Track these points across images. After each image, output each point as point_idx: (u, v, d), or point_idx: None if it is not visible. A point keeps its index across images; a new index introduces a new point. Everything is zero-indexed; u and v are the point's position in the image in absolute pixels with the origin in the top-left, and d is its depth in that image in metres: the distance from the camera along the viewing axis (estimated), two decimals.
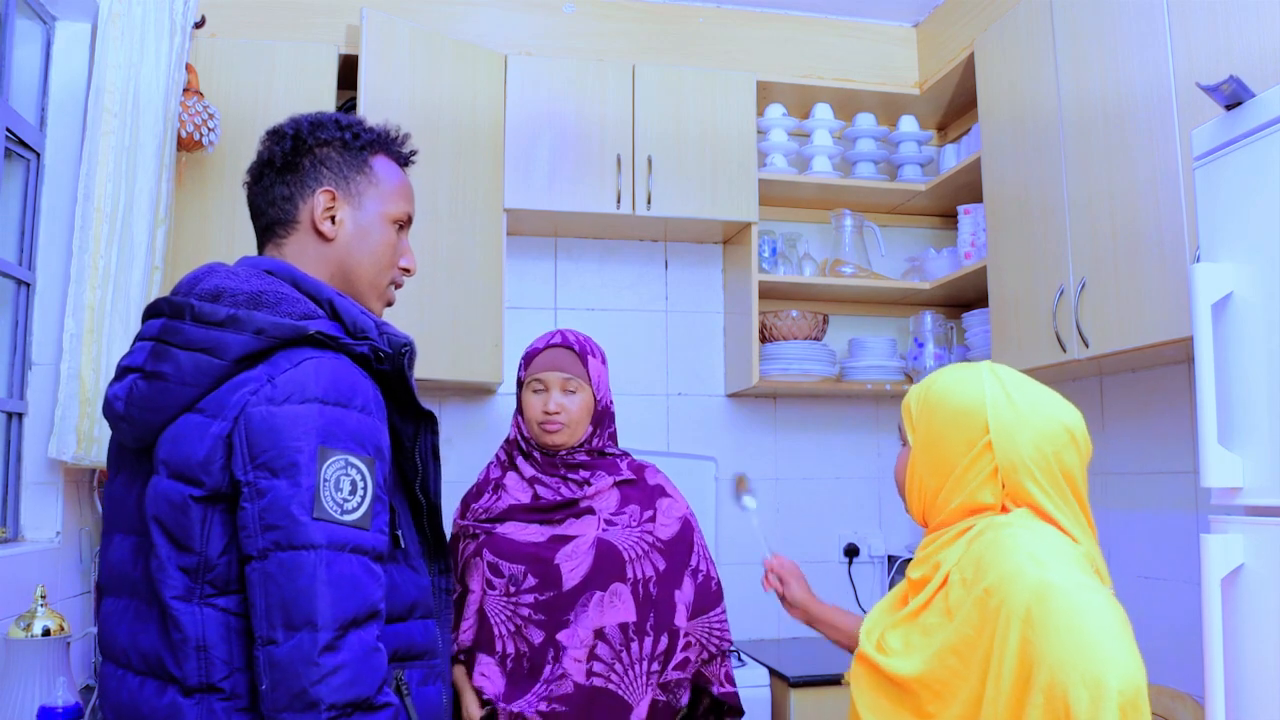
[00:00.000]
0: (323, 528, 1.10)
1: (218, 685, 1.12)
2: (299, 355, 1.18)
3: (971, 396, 1.32)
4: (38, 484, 2.04)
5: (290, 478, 1.10)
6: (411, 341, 1.30)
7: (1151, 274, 2.07)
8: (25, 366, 2.05)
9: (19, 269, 2.05)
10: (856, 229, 3.19)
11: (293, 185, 1.34)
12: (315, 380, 1.15)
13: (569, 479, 1.98)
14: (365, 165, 1.37)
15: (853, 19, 3.28)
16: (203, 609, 1.13)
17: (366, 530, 1.13)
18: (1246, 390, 1.54)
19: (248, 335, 1.17)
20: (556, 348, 2.00)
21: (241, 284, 1.22)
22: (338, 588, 1.09)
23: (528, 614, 1.87)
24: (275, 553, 1.09)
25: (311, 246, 1.34)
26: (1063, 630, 1.11)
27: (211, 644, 1.13)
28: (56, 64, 2.13)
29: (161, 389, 1.19)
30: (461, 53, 2.82)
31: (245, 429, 1.13)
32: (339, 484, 1.12)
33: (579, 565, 1.88)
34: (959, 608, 1.23)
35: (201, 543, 1.14)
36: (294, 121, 1.37)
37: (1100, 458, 2.67)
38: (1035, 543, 1.21)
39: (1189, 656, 2.28)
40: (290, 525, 1.09)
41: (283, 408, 1.13)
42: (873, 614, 1.43)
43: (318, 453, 1.11)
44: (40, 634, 1.71)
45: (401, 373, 1.26)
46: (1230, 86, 1.56)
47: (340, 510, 1.11)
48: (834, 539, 3.25)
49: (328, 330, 1.21)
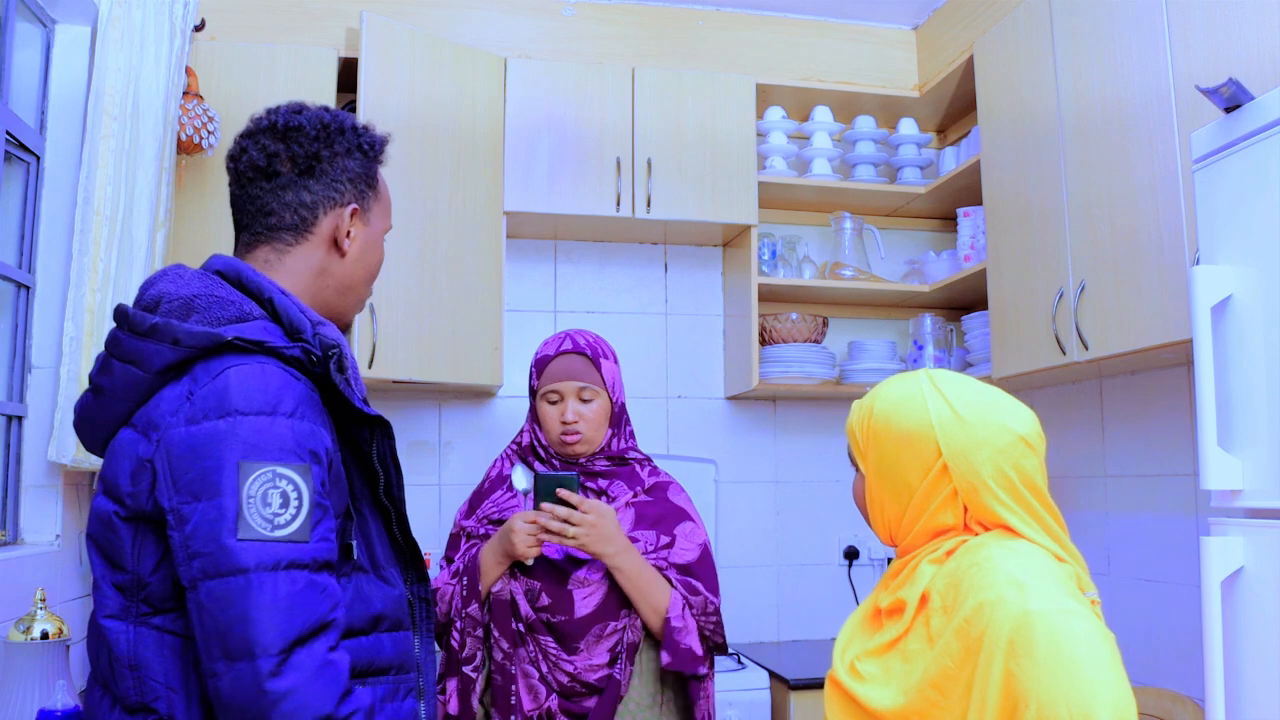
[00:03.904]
0: (251, 549, 1.03)
1: (151, 706, 1.09)
2: (218, 366, 1.11)
3: (916, 418, 1.25)
4: (37, 487, 2.04)
5: (210, 499, 1.05)
6: (341, 343, 1.22)
7: (1151, 276, 2.07)
8: (25, 370, 2.05)
9: (19, 272, 2.05)
10: (856, 232, 3.19)
11: (316, 193, 1.27)
12: (234, 391, 1.09)
13: (586, 488, 1.96)
14: (375, 180, 1.34)
15: (852, 22, 3.28)
16: (137, 628, 1.10)
17: (305, 542, 1.06)
18: (1246, 393, 1.54)
19: (166, 346, 1.12)
20: (569, 354, 1.96)
21: (181, 288, 1.17)
22: (274, 610, 1.02)
23: (542, 640, 1.85)
24: (204, 582, 1.04)
25: (320, 259, 1.28)
26: (1048, 661, 1.07)
27: (144, 664, 1.09)
28: (56, 67, 2.14)
29: (100, 403, 1.16)
30: (461, 56, 2.83)
31: (166, 453, 1.08)
32: (266, 498, 1.05)
33: (591, 595, 1.86)
34: (939, 636, 1.18)
35: (134, 561, 1.10)
36: (316, 120, 1.29)
37: (1100, 460, 2.67)
38: (1015, 566, 1.16)
39: (1189, 659, 2.28)
40: (216, 551, 1.03)
41: (200, 426, 1.08)
42: (845, 631, 1.37)
43: (238, 469, 1.05)
44: (39, 637, 1.71)
45: (329, 377, 1.18)
46: (1229, 89, 1.56)
47: (270, 527, 1.05)
48: (834, 542, 3.25)
49: (251, 335, 1.14)
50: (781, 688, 2.66)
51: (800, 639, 3.19)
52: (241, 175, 1.29)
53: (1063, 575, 1.19)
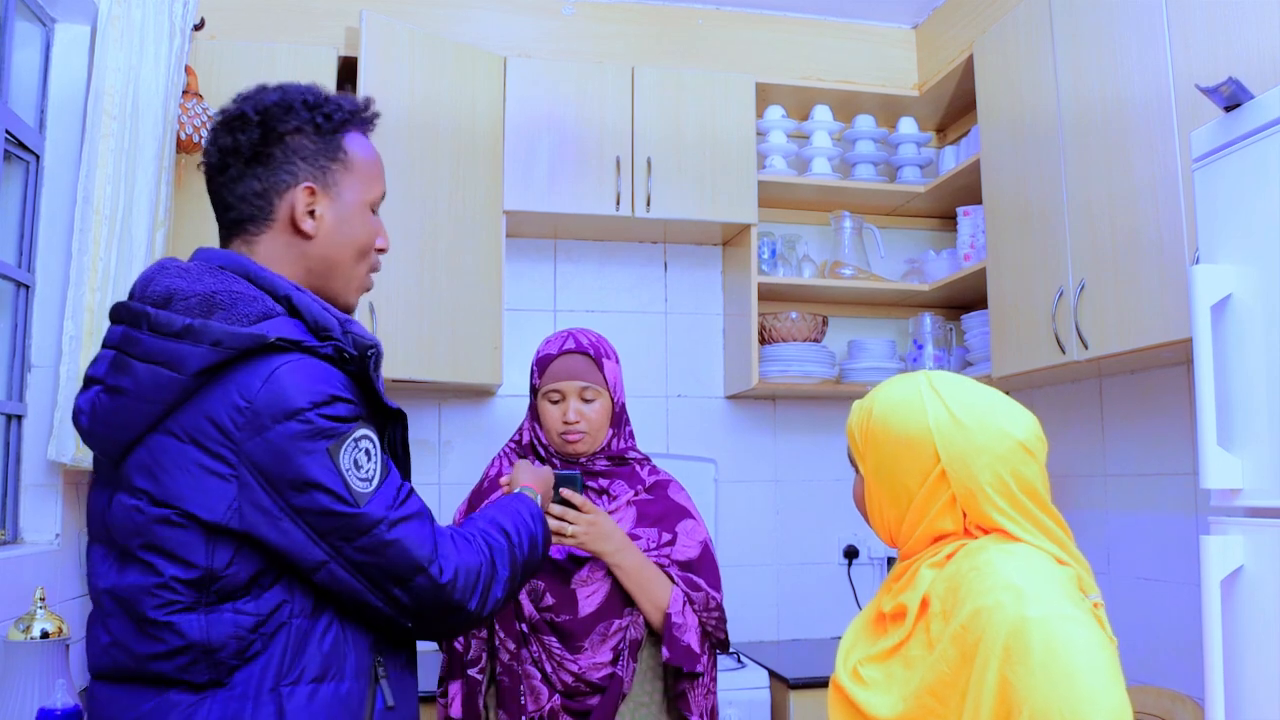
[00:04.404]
0: (373, 504, 1.15)
1: (222, 680, 1.12)
2: (265, 368, 1.13)
3: (915, 422, 1.24)
4: (37, 486, 2.04)
5: (318, 489, 1.13)
6: (378, 344, 1.26)
7: (1150, 276, 2.07)
8: (24, 369, 2.05)
9: (18, 271, 2.05)
10: (856, 231, 3.19)
11: (265, 180, 1.25)
12: (291, 391, 1.12)
13: (587, 487, 1.96)
14: (340, 150, 1.29)
15: (852, 21, 3.28)
16: (208, 615, 1.12)
17: (390, 474, 1.21)
18: (1246, 392, 1.54)
19: (205, 347, 1.12)
20: (572, 354, 1.95)
21: (193, 284, 1.16)
22: (412, 531, 1.18)
23: (545, 640, 1.85)
24: (348, 545, 1.15)
25: (288, 245, 1.26)
26: (1043, 668, 1.06)
27: (220, 645, 1.12)
28: (56, 66, 2.13)
29: (123, 404, 1.14)
30: (461, 55, 2.82)
31: (252, 469, 1.12)
32: (358, 463, 1.16)
33: (595, 593, 1.86)
34: (938, 641, 1.17)
35: (208, 557, 1.12)
36: (257, 104, 1.26)
37: (1100, 459, 2.67)
38: (1013, 570, 1.15)
39: (1189, 658, 2.28)
40: (347, 522, 1.14)
41: (275, 431, 1.11)
42: (849, 635, 1.36)
43: (329, 456, 1.13)
44: (39, 636, 1.71)
45: (366, 375, 1.23)
46: (1229, 88, 1.56)
47: (370, 482, 1.17)
48: (834, 541, 3.25)
49: (287, 334, 1.16)
50: (781, 687, 2.66)
51: (800, 638, 3.19)
52: (207, 174, 1.31)
53: (1063, 578, 1.17)
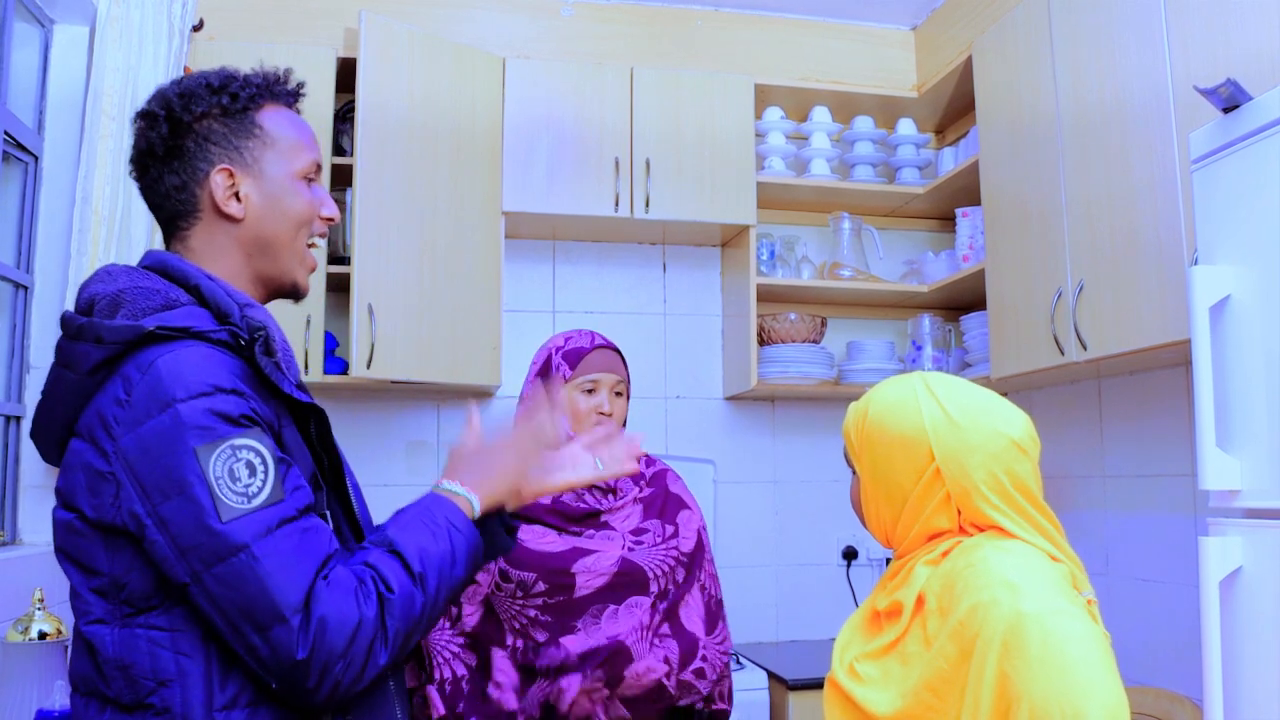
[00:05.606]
0: (239, 525, 1.04)
1: (146, 703, 1.08)
2: (146, 360, 1.09)
3: (910, 422, 1.27)
4: (35, 487, 2.04)
5: (182, 494, 1.04)
6: (268, 324, 1.19)
7: (1149, 277, 2.07)
8: (23, 370, 2.05)
9: (17, 272, 2.05)
10: (855, 232, 3.19)
11: (182, 173, 1.23)
12: (167, 381, 1.07)
13: (595, 485, 1.97)
14: (254, 126, 1.26)
15: (850, 22, 3.28)
16: (122, 630, 1.09)
17: (283, 499, 1.07)
18: (1244, 393, 1.54)
19: (91, 345, 1.11)
20: (604, 349, 2.00)
21: (108, 286, 1.16)
22: (284, 570, 1.04)
23: (534, 615, 1.86)
24: (207, 572, 1.04)
25: (220, 232, 1.24)
26: (1041, 662, 1.07)
27: (133, 663, 1.08)
28: (55, 67, 2.14)
29: (44, 408, 1.16)
30: (460, 56, 2.82)
31: (124, 463, 1.07)
32: (234, 474, 1.05)
33: (595, 578, 1.87)
34: (935, 638, 1.19)
35: (109, 563, 1.10)
36: (162, 98, 1.24)
37: (1098, 460, 2.67)
38: (1009, 566, 1.17)
39: (1187, 659, 2.28)
40: (207, 541, 1.03)
41: (146, 426, 1.06)
42: (845, 633, 1.37)
43: (197, 456, 1.04)
44: (37, 637, 1.71)
45: (254, 359, 1.14)
46: (1228, 89, 1.56)
47: (246, 499, 1.05)
48: (832, 542, 3.25)
49: (174, 322, 1.12)
50: (780, 688, 2.66)
51: (799, 639, 3.19)
52: (135, 180, 1.28)
53: (1057, 575, 1.19)
